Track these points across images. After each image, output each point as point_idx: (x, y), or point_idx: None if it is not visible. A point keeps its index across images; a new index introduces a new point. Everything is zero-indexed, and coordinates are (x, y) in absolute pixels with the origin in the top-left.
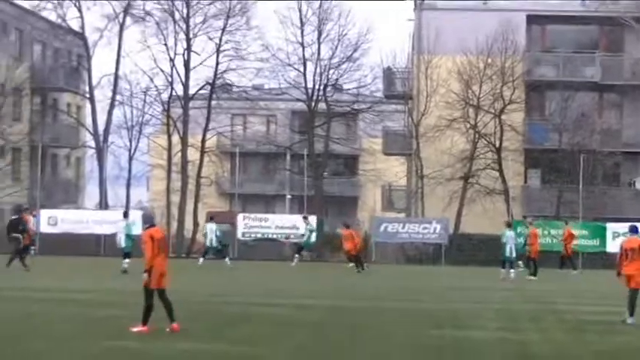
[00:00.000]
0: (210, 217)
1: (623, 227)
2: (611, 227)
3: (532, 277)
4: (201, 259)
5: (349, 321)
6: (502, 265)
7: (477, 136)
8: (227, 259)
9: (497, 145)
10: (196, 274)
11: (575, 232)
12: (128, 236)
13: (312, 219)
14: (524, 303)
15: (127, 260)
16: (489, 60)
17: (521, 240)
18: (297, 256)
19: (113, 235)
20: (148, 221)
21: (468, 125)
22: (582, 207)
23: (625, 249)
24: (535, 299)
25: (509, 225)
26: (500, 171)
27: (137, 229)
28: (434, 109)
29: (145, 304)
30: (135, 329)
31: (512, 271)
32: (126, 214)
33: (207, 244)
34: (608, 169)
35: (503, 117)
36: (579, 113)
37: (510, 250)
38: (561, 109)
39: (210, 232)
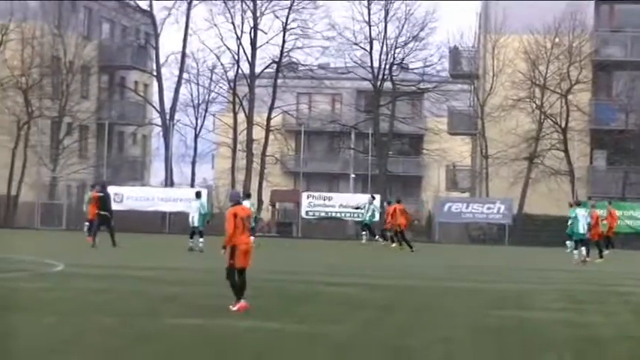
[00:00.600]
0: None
1: None
2: None
3: (599, 260)
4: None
5: (413, 301)
6: (575, 246)
7: (542, 116)
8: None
9: (563, 125)
10: (260, 251)
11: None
12: (202, 215)
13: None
14: (588, 284)
15: (201, 239)
16: (557, 39)
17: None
18: (363, 233)
19: (178, 213)
20: (234, 199)
21: (534, 105)
22: None
23: None
24: (599, 281)
25: (578, 204)
26: (566, 151)
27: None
28: (500, 88)
29: (230, 282)
30: (234, 308)
31: (582, 249)
32: (198, 194)
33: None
34: None
35: (569, 97)
36: None
37: (584, 228)
38: (629, 89)
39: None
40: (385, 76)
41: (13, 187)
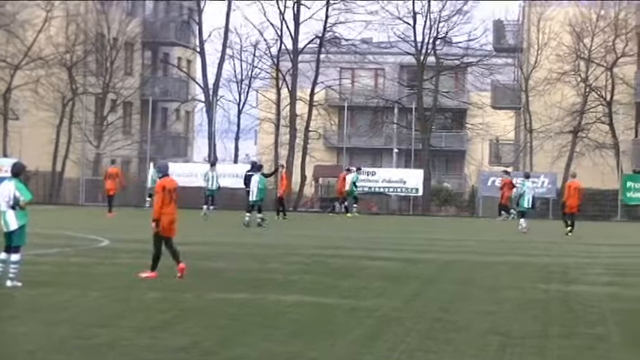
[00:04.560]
0: (212, 164)
1: None
2: None
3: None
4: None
5: (456, 275)
6: (521, 216)
7: (587, 89)
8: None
9: (608, 98)
10: (303, 226)
11: None
12: (260, 190)
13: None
14: (633, 258)
15: (259, 214)
16: (602, 11)
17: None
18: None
19: (222, 189)
20: (163, 171)
21: (579, 78)
22: None
23: None
24: None
25: (527, 176)
26: (611, 125)
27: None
28: (544, 62)
29: (154, 251)
30: (143, 275)
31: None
32: (258, 167)
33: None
34: None
35: (614, 70)
36: None
37: (528, 201)
38: None
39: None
40: (428, 51)
41: (58, 163)
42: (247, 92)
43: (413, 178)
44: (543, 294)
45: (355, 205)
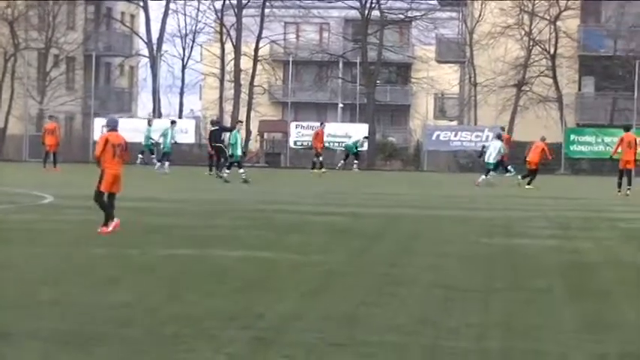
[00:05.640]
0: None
1: None
2: None
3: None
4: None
5: (402, 229)
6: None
7: (531, 43)
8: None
9: (552, 52)
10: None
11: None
12: (233, 145)
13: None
14: (576, 211)
15: (241, 171)
16: None
17: None
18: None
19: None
20: (111, 125)
21: (523, 32)
22: (637, 114)
23: None
24: (587, 207)
25: (498, 137)
26: (554, 78)
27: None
28: (488, 15)
29: (100, 204)
30: (105, 230)
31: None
32: (234, 127)
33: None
34: None
35: (558, 23)
36: (635, 20)
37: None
38: (617, 15)
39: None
40: (373, 5)
41: (1, 119)
42: (191, 47)
43: (358, 133)
44: (487, 248)
45: (356, 162)
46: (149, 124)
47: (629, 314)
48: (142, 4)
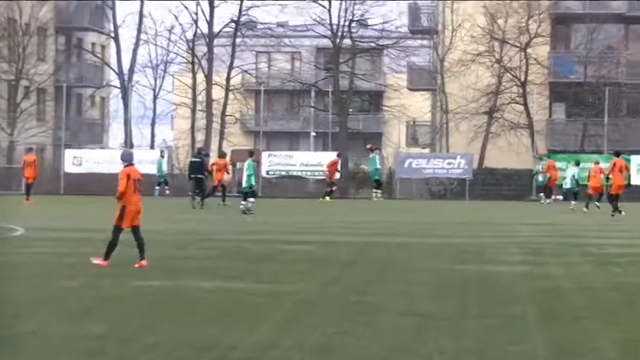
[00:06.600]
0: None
1: None
2: (635, 160)
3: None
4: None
5: (375, 257)
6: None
7: (502, 70)
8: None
9: (523, 78)
10: (222, 212)
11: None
12: (251, 176)
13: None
14: (548, 237)
15: (251, 200)
16: None
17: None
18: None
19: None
20: (127, 159)
21: (494, 59)
22: (607, 140)
23: None
24: (559, 233)
25: (577, 164)
26: (525, 105)
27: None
28: (459, 43)
29: (112, 240)
30: (95, 261)
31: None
32: (251, 153)
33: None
34: (633, 102)
35: (528, 50)
36: (605, 46)
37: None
38: (587, 41)
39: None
40: (344, 33)
41: None
42: (163, 77)
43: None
44: (460, 274)
45: (378, 190)
46: (161, 156)
47: (601, 340)
48: (112, 34)
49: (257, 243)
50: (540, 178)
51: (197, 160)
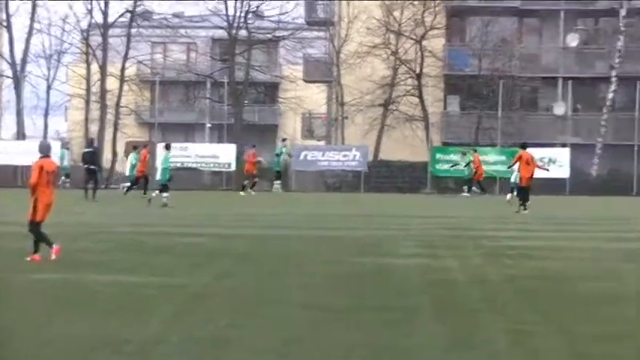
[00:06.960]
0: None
1: (541, 153)
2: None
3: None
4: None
5: (270, 250)
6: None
7: (397, 62)
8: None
9: (418, 71)
10: (114, 204)
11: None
12: (166, 169)
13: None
14: (443, 229)
15: (165, 194)
16: None
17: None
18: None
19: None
20: (43, 151)
21: (389, 52)
22: (501, 133)
23: None
24: (454, 225)
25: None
26: (420, 97)
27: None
28: (355, 35)
29: (35, 237)
30: (28, 258)
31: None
32: (168, 147)
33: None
34: (527, 95)
35: (424, 43)
36: (499, 39)
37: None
38: (482, 34)
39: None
40: (240, 24)
41: None
42: (57, 68)
43: (226, 153)
44: (356, 267)
45: (278, 181)
46: (167, 149)
47: (495, 333)
48: (4, 23)
49: (152, 235)
50: (467, 171)
51: (90, 150)
